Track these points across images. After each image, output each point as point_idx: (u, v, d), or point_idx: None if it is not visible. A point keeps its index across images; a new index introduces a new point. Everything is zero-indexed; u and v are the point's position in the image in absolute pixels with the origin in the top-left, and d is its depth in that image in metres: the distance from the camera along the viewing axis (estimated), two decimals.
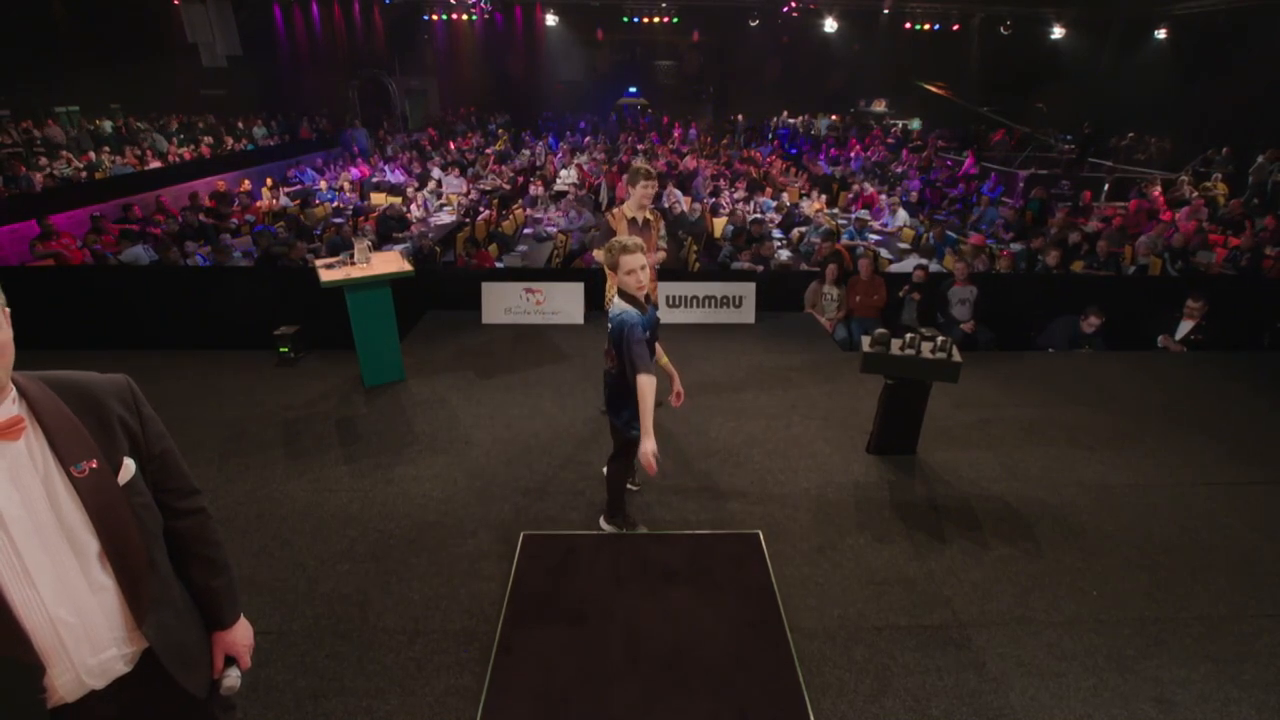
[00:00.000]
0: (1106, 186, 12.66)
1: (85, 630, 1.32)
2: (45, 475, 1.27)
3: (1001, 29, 18.67)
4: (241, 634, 1.64)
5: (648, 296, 2.96)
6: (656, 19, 19.57)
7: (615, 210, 4.14)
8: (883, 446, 4.18)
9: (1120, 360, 5.74)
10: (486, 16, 19.93)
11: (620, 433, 3.10)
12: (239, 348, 5.52)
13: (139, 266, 7.21)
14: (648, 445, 2.65)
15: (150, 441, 1.43)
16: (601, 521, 3.46)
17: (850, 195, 12.20)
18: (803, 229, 9.41)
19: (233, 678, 1.62)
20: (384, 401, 4.77)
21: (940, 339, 3.83)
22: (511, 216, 10.19)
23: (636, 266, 2.75)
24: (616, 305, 2.88)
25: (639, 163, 4.15)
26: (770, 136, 19.16)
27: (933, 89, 20.24)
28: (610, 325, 2.87)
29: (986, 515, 3.65)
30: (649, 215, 4.17)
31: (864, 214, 10.25)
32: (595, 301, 6.26)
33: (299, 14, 19.27)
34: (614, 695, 2.54)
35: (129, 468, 1.37)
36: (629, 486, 3.61)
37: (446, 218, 10.51)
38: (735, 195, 11.54)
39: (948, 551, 3.36)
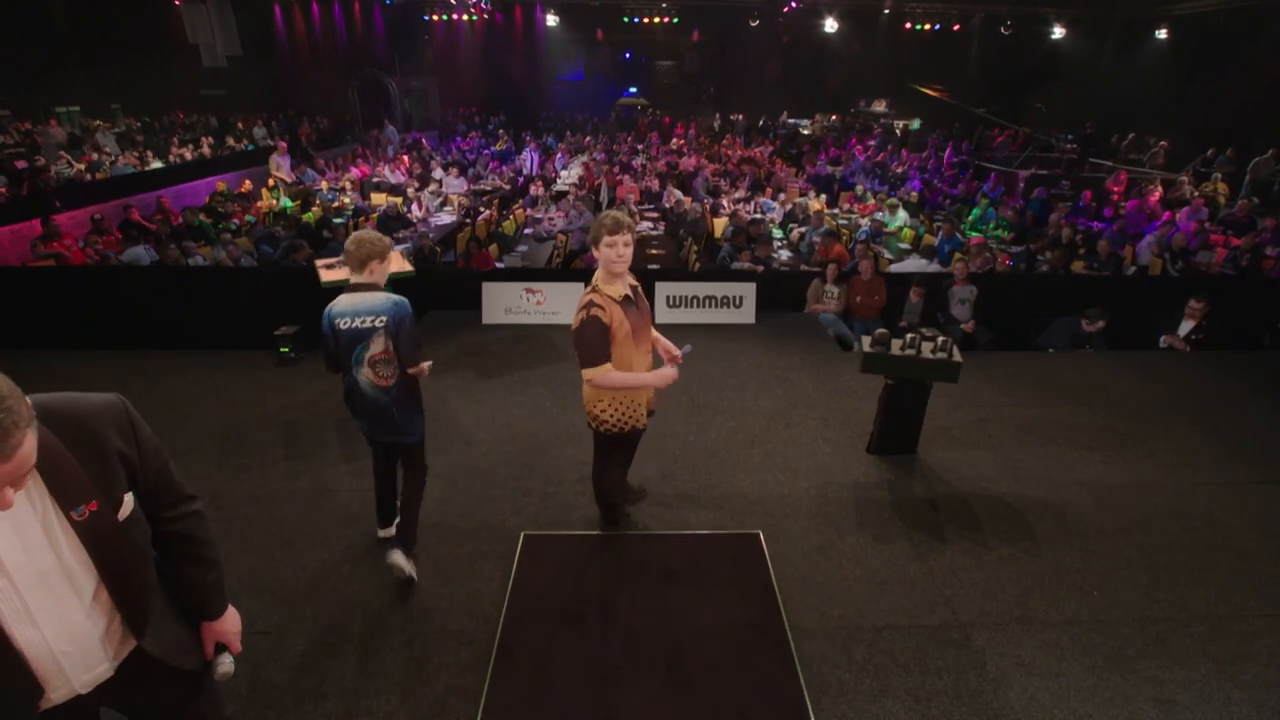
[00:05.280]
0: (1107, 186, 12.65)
1: (82, 655, 1.35)
2: (44, 519, 1.25)
3: (1001, 29, 18.67)
4: (230, 623, 1.65)
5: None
6: (656, 19, 19.59)
7: (595, 295, 2.73)
8: (883, 446, 4.18)
9: (1121, 360, 5.73)
10: (486, 16, 19.94)
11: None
12: (239, 348, 5.51)
13: (140, 266, 7.21)
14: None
15: (147, 463, 1.41)
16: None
17: (853, 195, 12.21)
18: (803, 229, 9.41)
19: (226, 664, 1.63)
20: None
21: (940, 339, 3.83)
22: (511, 216, 10.19)
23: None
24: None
25: (606, 213, 2.75)
26: (772, 136, 19.17)
27: (930, 92, 20.24)
28: None
29: (986, 515, 3.65)
30: (633, 282, 2.91)
31: (880, 215, 10.20)
32: None
33: (299, 14, 19.29)
34: (614, 695, 2.54)
35: (128, 503, 1.36)
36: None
37: (446, 218, 10.51)
38: (736, 195, 11.54)
39: (948, 551, 3.36)
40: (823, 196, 11.90)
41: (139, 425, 1.41)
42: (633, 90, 22.94)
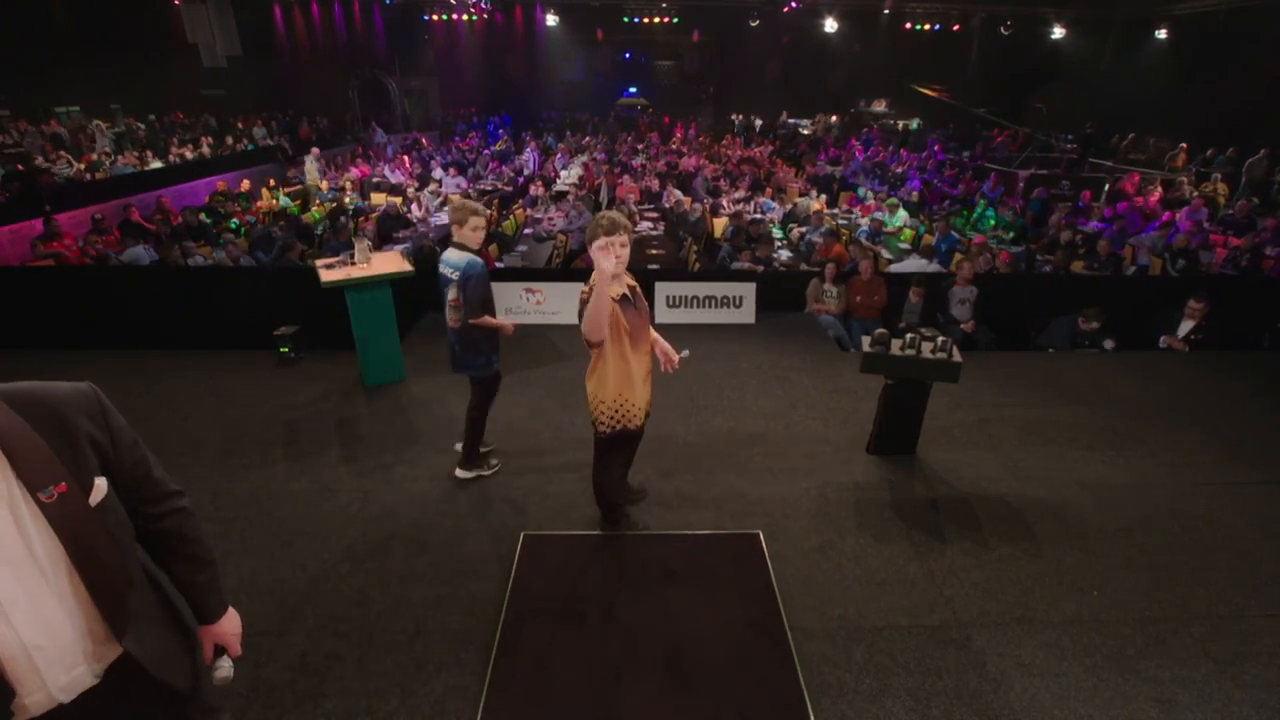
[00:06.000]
0: (1107, 187, 12.66)
1: (58, 652, 1.29)
2: (11, 502, 1.22)
3: (1001, 29, 18.68)
4: (229, 625, 1.63)
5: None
6: (656, 19, 19.62)
7: (595, 288, 2.65)
8: (883, 446, 4.18)
9: (1120, 360, 5.74)
10: (486, 16, 19.94)
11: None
12: (239, 348, 5.51)
13: (140, 266, 7.21)
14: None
15: (121, 454, 1.38)
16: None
17: (854, 196, 12.20)
18: (803, 229, 9.40)
19: (225, 669, 1.61)
20: (384, 401, 4.77)
21: (940, 339, 3.83)
22: (511, 216, 10.19)
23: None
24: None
25: (602, 214, 2.71)
26: (772, 136, 19.18)
27: (930, 92, 20.25)
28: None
29: (986, 515, 3.65)
30: (631, 282, 2.90)
31: (880, 215, 10.18)
32: None
33: (299, 14, 19.29)
34: (614, 695, 2.54)
35: (100, 487, 1.32)
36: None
37: (446, 218, 10.48)
38: (736, 196, 11.54)
39: (948, 551, 3.36)
40: (823, 196, 11.90)
41: (111, 413, 1.38)
42: (633, 90, 22.94)
